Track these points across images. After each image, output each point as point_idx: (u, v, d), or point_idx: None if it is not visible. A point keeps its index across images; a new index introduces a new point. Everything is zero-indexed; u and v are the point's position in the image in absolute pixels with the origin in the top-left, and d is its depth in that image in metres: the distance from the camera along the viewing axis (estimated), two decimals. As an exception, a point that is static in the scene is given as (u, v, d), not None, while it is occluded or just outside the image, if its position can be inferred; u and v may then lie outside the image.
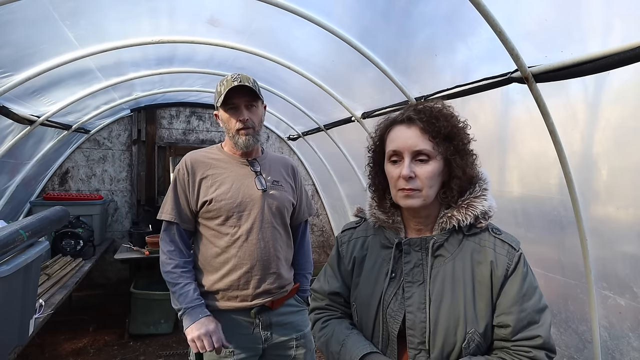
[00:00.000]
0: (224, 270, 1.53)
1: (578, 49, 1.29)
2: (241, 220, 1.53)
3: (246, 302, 1.53)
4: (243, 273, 1.52)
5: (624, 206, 1.45)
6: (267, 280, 1.55)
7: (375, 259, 1.07)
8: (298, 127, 4.45)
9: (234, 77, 1.50)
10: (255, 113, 1.55)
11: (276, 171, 1.66)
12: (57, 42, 2.16)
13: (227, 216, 1.52)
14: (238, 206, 1.52)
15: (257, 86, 1.54)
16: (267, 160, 1.67)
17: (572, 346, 1.76)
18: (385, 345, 1.00)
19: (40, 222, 1.95)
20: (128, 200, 4.61)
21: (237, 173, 1.57)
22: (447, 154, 0.96)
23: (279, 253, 1.59)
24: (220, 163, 1.59)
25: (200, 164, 1.57)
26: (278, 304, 1.59)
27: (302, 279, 1.74)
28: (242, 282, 1.52)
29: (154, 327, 3.66)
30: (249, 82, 1.51)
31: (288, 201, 1.63)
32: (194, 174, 1.55)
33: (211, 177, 1.55)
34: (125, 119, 4.54)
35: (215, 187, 1.53)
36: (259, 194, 1.55)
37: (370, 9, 1.96)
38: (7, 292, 1.64)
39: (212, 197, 1.51)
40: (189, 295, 1.48)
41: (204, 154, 1.61)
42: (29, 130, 2.75)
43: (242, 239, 1.52)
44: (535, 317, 0.91)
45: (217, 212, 1.52)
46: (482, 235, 0.98)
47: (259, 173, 1.59)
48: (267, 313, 1.57)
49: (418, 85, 2.19)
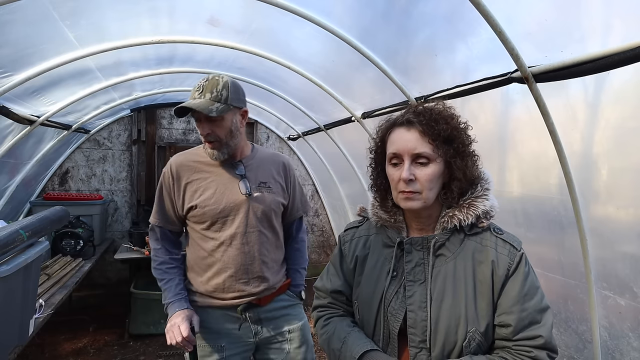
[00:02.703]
0: (210, 273, 1.54)
1: (578, 49, 1.29)
2: (225, 226, 1.52)
3: (232, 301, 1.54)
4: (227, 277, 1.52)
5: (624, 206, 1.45)
6: (252, 284, 1.54)
7: (377, 258, 1.08)
8: (298, 127, 4.46)
9: (198, 85, 1.44)
10: (220, 126, 1.45)
11: (265, 171, 1.61)
12: (57, 42, 2.16)
13: (211, 222, 1.52)
14: (222, 212, 1.51)
15: (225, 94, 1.42)
16: (255, 160, 1.62)
17: (572, 346, 1.76)
18: (386, 343, 1.01)
19: (40, 222, 1.95)
20: (128, 200, 4.61)
21: (221, 177, 1.54)
22: (447, 156, 0.96)
23: (265, 257, 1.57)
24: (204, 167, 1.56)
25: (185, 168, 1.55)
26: (266, 301, 1.59)
27: (295, 273, 1.72)
28: (227, 286, 1.52)
29: (154, 327, 3.66)
30: (213, 91, 1.41)
31: (276, 203, 1.59)
32: (179, 178, 1.55)
33: (196, 182, 1.54)
34: (125, 119, 4.54)
35: (199, 192, 1.52)
36: (243, 198, 1.52)
37: (370, 9, 1.96)
38: (7, 292, 1.64)
39: (197, 203, 1.51)
40: (171, 291, 1.54)
41: (190, 157, 1.59)
42: (29, 130, 2.75)
43: (226, 244, 1.52)
44: (536, 317, 0.91)
45: (201, 217, 1.52)
46: (483, 234, 0.98)
47: (243, 176, 1.55)
48: (256, 309, 1.57)
49: (418, 85, 2.19)
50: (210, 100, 1.42)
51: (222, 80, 1.46)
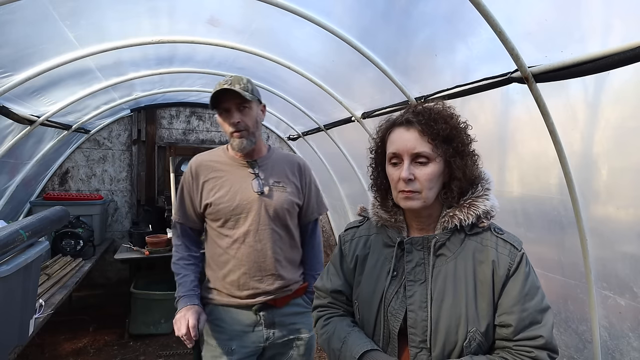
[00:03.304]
0: (226, 269, 1.57)
1: (578, 49, 1.29)
2: (238, 223, 1.56)
3: (247, 300, 1.56)
4: (241, 274, 1.55)
5: (624, 206, 1.45)
6: (266, 281, 1.57)
7: (377, 258, 1.08)
8: (298, 127, 4.45)
9: (224, 80, 1.52)
10: (249, 115, 1.54)
11: (279, 171, 1.65)
12: (57, 42, 2.16)
13: (225, 219, 1.56)
14: (235, 210, 1.55)
15: (250, 87, 1.53)
16: (270, 160, 1.66)
17: (572, 346, 1.76)
18: (386, 343, 1.01)
19: (40, 222, 1.95)
20: (128, 200, 4.61)
21: (236, 176, 1.59)
22: (446, 155, 0.96)
23: (278, 255, 1.59)
24: (221, 166, 1.62)
25: (204, 167, 1.62)
26: (282, 302, 1.61)
27: (311, 279, 1.73)
28: (242, 283, 1.55)
29: (154, 327, 3.66)
30: (240, 83, 1.50)
31: (289, 202, 1.62)
32: (198, 177, 1.61)
33: (212, 181, 1.59)
34: (125, 119, 4.54)
35: (215, 190, 1.58)
36: (255, 196, 1.56)
37: (370, 9, 1.96)
38: (7, 292, 1.64)
39: (212, 201, 1.56)
40: (184, 286, 1.58)
41: (208, 157, 1.66)
42: (29, 130, 2.75)
43: (240, 241, 1.55)
44: (537, 317, 0.91)
45: (216, 214, 1.57)
46: (484, 234, 0.98)
47: (257, 175, 1.59)
48: (271, 311, 1.59)
49: (418, 85, 2.19)
50: (240, 89, 1.50)
51: (245, 77, 1.56)
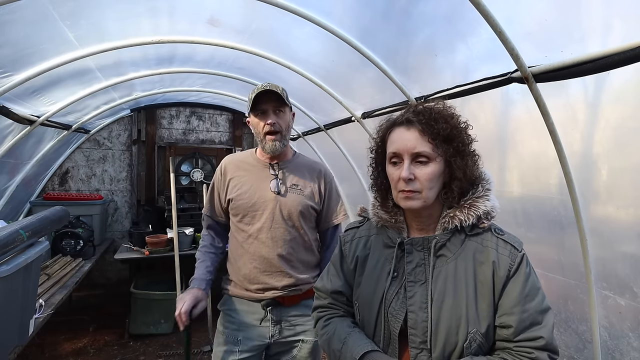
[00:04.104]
0: (240, 262, 1.67)
1: (578, 49, 1.29)
2: (254, 219, 1.65)
3: (257, 294, 1.63)
4: (252, 268, 1.64)
5: (624, 206, 1.45)
6: (275, 277, 1.63)
7: (377, 258, 1.08)
8: (298, 127, 4.45)
9: (263, 85, 1.62)
10: (283, 118, 1.65)
11: (299, 175, 1.72)
12: (57, 42, 2.16)
13: (243, 214, 1.66)
14: (252, 206, 1.65)
15: (285, 94, 1.65)
16: (292, 164, 1.74)
17: (572, 346, 1.76)
18: (387, 344, 1.01)
19: (40, 222, 1.95)
20: (128, 200, 4.61)
21: (258, 176, 1.70)
22: (447, 155, 0.96)
23: (290, 255, 1.65)
24: (247, 166, 1.74)
25: (232, 166, 1.76)
26: (291, 302, 1.66)
27: None
28: (252, 277, 1.64)
29: (154, 327, 3.66)
30: (277, 89, 1.62)
31: (305, 205, 1.67)
32: (225, 174, 1.75)
33: (237, 178, 1.72)
34: (125, 119, 4.54)
35: (237, 187, 1.69)
36: (272, 196, 1.65)
37: (370, 9, 1.96)
38: (7, 292, 1.64)
39: (233, 197, 1.68)
40: (199, 270, 1.72)
41: (238, 157, 1.79)
42: (29, 130, 2.75)
43: (254, 237, 1.64)
44: (537, 318, 0.91)
45: (236, 209, 1.68)
46: (484, 235, 0.98)
47: (276, 176, 1.68)
48: (279, 309, 1.65)
49: (418, 85, 2.19)
50: (280, 93, 1.62)
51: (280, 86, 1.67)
